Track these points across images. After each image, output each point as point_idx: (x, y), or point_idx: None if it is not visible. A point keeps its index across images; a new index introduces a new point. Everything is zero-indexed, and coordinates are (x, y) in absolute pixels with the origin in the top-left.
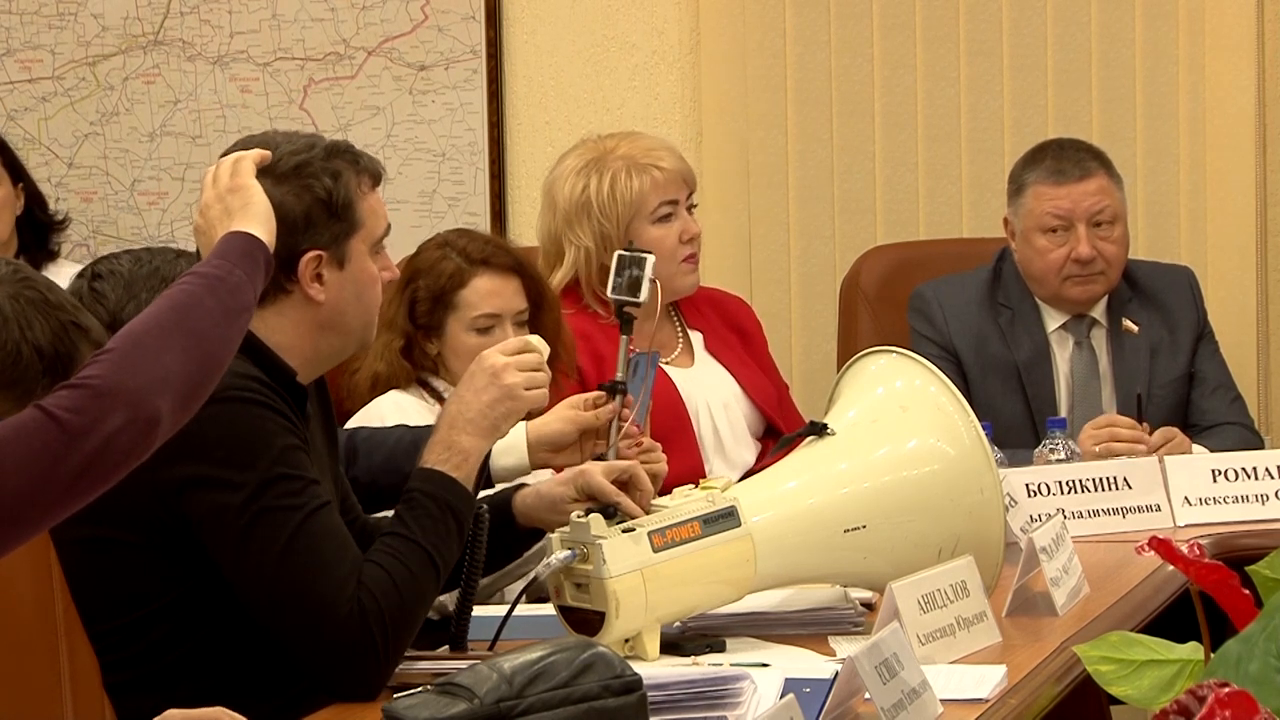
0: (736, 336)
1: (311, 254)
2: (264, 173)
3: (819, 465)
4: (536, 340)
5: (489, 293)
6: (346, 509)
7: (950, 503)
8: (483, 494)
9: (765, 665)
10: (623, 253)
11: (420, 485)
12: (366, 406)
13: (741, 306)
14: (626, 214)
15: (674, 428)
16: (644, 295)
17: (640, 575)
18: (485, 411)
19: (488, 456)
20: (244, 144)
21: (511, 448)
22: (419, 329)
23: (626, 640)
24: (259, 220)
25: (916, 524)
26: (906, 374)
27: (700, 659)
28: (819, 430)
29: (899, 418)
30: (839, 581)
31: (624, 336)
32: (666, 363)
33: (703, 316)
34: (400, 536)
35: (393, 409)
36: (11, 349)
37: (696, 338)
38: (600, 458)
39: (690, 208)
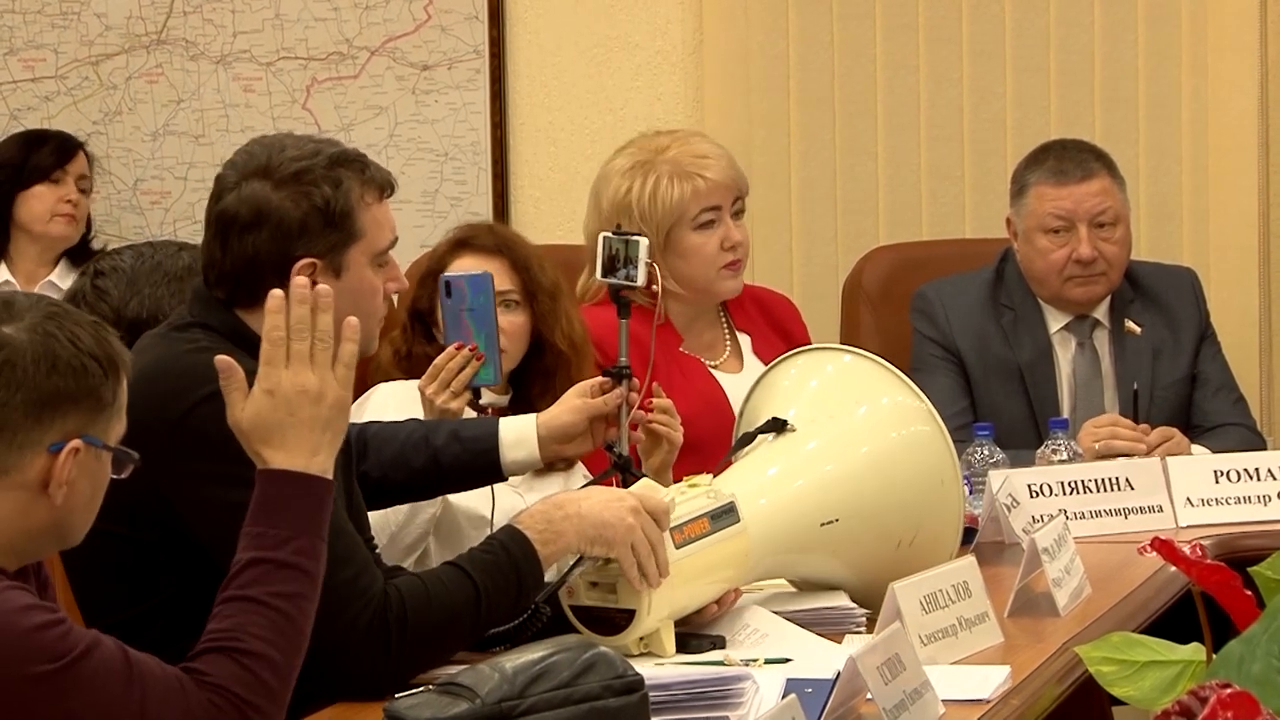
0: (780, 338)
1: (304, 261)
2: (264, 175)
3: (799, 461)
4: (667, 522)
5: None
6: (359, 529)
7: (913, 493)
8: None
9: (789, 660)
10: (608, 235)
11: (502, 538)
12: (356, 402)
13: (787, 307)
14: (667, 220)
15: (721, 434)
16: (640, 279)
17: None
18: (596, 524)
19: (496, 451)
20: (257, 144)
21: (521, 441)
22: (415, 317)
23: (641, 638)
24: (336, 453)
25: (882, 517)
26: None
27: (731, 655)
28: (779, 427)
29: (864, 415)
30: (811, 580)
31: (623, 321)
32: (714, 367)
33: (750, 319)
34: (458, 568)
35: (381, 403)
36: (77, 364)
37: (745, 340)
38: (610, 446)
39: (737, 213)
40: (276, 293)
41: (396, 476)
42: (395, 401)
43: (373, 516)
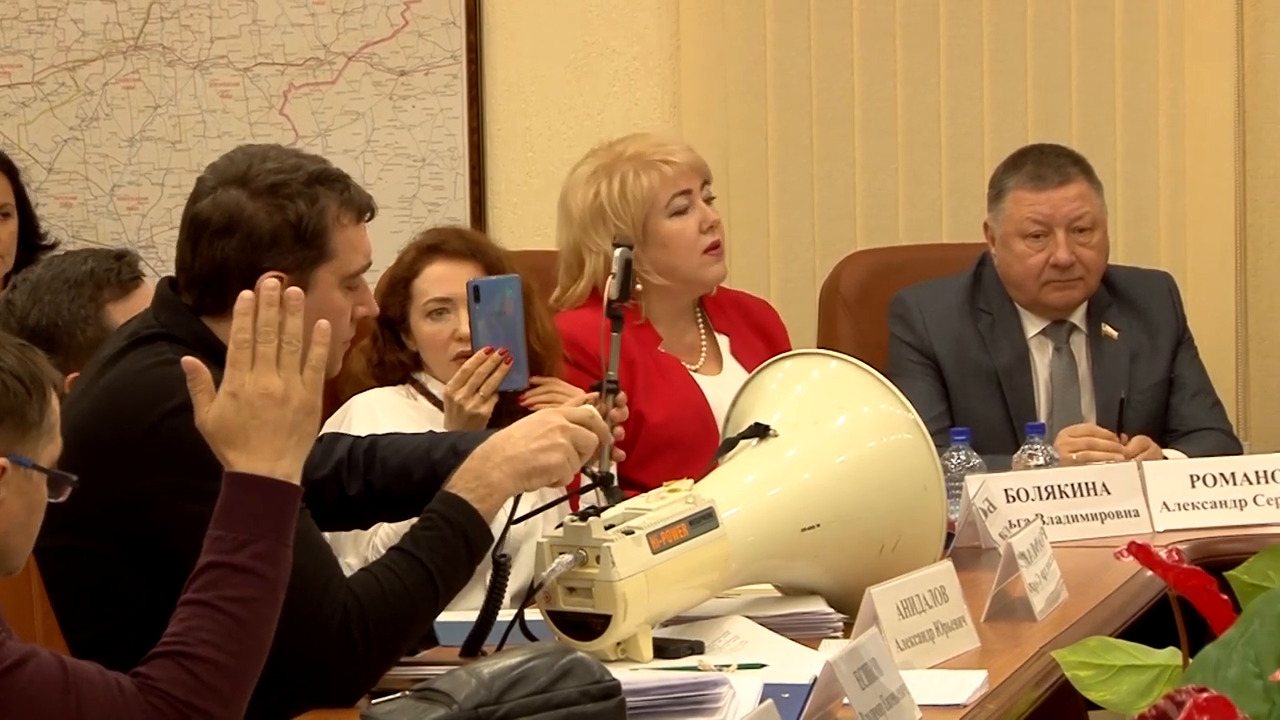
0: (761, 340)
1: (270, 275)
2: (241, 183)
3: (778, 468)
4: (601, 426)
5: (439, 278)
6: None
7: (894, 499)
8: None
9: (763, 665)
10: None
11: (439, 508)
12: (336, 412)
13: (766, 310)
14: (641, 212)
15: (700, 435)
16: (615, 291)
17: (645, 577)
18: (527, 457)
19: None
20: (241, 152)
21: None
22: (386, 325)
23: (618, 643)
24: (305, 457)
25: (864, 522)
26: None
27: (706, 661)
28: (761, 432)
29: (844, 422)
30: (795, 585)
31: (614, 334)
32: (695, 370)
33: (728, 319)
34: (404, 552)
35: (363, 411)
36: None
37: (723, 341)
38: (583, 467)
39: (708, 199)
40: (246, 294)
41: (398, 488)
42: (380, 408)
43: (393, 528)
